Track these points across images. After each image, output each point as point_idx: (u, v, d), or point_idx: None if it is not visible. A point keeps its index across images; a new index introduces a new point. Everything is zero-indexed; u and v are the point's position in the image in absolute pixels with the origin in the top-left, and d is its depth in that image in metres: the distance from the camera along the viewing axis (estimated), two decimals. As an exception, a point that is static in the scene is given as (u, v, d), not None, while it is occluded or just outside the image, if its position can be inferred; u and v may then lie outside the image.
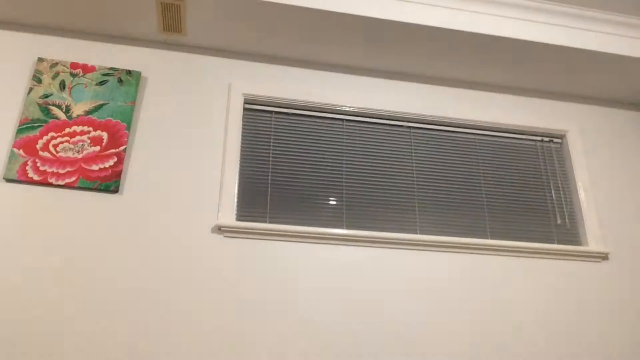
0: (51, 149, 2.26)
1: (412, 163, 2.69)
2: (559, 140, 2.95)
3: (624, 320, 2.52)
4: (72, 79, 2.44)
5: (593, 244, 2.65)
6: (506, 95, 2.98)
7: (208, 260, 2.21)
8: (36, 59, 2.46)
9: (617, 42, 2.74)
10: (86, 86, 2.44)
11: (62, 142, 2.29)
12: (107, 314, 2.03)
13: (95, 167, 2.26)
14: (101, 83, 2.45)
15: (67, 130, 2.32)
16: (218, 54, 2.69)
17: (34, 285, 2.03)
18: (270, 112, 2.64)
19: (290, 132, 2.63)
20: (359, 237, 2.38)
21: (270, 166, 2.52)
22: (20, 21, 2.51)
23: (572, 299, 2.51)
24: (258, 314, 2.16)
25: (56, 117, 2.33)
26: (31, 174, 2.19)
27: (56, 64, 2.45)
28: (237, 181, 2.41)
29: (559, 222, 2.73)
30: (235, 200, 2.37)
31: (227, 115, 2.53)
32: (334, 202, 2.50)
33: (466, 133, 2.84)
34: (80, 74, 2.46)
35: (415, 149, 2.73)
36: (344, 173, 2.59)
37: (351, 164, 2.62)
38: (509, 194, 2.74)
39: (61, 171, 2.23)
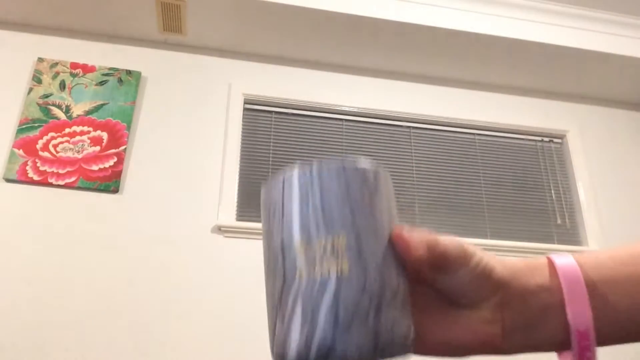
0: (51, 149, 2.26)
1: (412, 163, 2.69)
2: (559, 140, 2.95)
3: (624, 320, 2.52)
4: (72, 79, 2.44)
5: (593, 244, 2.65)
6: (506, 95, 2.98)
7: (208, 260, 2.21)
8: (36, 59, 2.46)
9: (617, 42, 2.74)
10: (86, 86, 2.43)
11: (62, 142, 2.29)
12: (107, 314, 2.03)
13: (95, 167, 2.26)
14: (101, 83, 2.45)
15: (67, 130, 2.32)
16: (218, 54, 2.69)
17: (34, 284, 2.03)
18: (270, 112, 2.64)
19: (290, 132, 2.62)
20: (359, 237, 2.37)
21: (270, 166, 2.52)
22: (20, 21, 2.51)
23: (572, 299, 2.51)
24: (258, 313, 2.16)
25: (56, 117, 2.33)
26: (31, 174, 2.19)
27: (56, 64, 2.45)
28: (237, 181, 2.41)
29: (559, 222, 2.73)
30: (235, 200, 2.37)
31: (227, 115, 2.53)
32: (334, 202, 2.50)
33: (466, 133, 2.84)
34: (80, 74, 2.46)
35: (415, 149, 2.73)
36: (344, 173, 2.58)
37: (351, 164, 2.61)
38: (509, 194, 2.74)
39: (61, 171, 2.23)
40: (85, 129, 2.34)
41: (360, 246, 0.31)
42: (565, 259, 0.34)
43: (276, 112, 2.65)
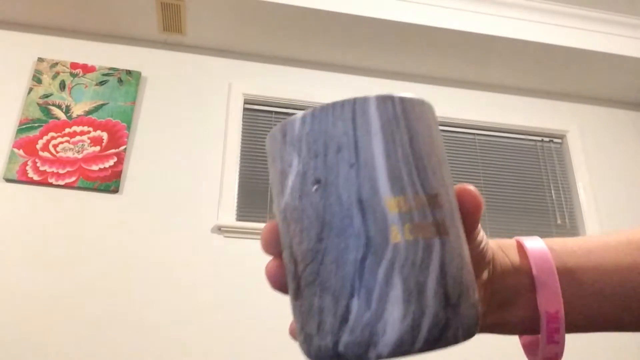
0: (51, 149, 2.26)
1: (412, 163, 2.69)
2: (559, 140, 2.95)
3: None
4: (72, 79, 2.44)
5: (593, 244, 2.65)
6: (506, 95, 2.98)
7: (208, 260, 2.21)
8: (36, 59, 2.46)
9: (617, 42, 2.74)
10: (86, 86, 2.44)
11: (62, 142, 2.29)
12: (107, 314, 2.03)
13: (95, 167, 2.26)
14: (101, 83, 2.46)
15: (67, 130, 2.32)
16: (218, 54, 2.69)
17: (34, 285, 2.03)
18: (270, 112, 2.65)
19: (290, 132, 2.62)
20: (359, 237, 2.37)
21: (270, 166, 2.51)
22: (20, 21, 2.51)
23: (572, 299, 2.51)
24: (258, 313, 2.16)
25: (56, 117, 2.33)
26: (31, 174, 2.19)
27: (56, 64, 2.45)
28: (237, 181, 2.41)
29: (559, 222, 2.74)
30: (235, 200, 2.37)
31: (227, 115, 2.53)
32: (334, 202, 2.50)
33: (466, 133, 2.84)
34: (80, 74, 2.46)
35: (415, 149, 2.73)
36: (344, 173, 2.58)
37: (351, 164, 2.61)
38: (509, 194, 2.74)
39: (61, 171, 2.23)
40: (85, 129, 2.34)
41: (451, 203, 0.25)
42: (534, 242, 0.34)
43: (276, 112, 2.65)
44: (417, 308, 0.23)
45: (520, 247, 0.34)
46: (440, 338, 0.23)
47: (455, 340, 0.23)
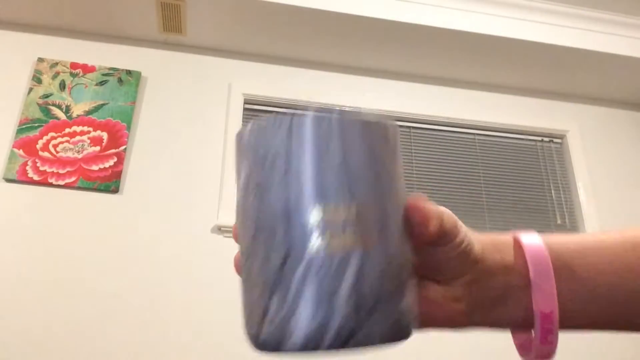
0: (51, 149, 2.26)
1: (412, 163, 2.69)
2: (559, 140, 2.95)
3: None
4: (72, 79, 2.44)
5: (593, 244, 2.65)
6: (506, 95, 2.98)
7: (208, 260, 2.21)
8: (36, 59, 2.46)
9: (617, 42, 2.74)
10: (86, 86, 2.44)
11: (62, 142, 2.29)
12: (107, 314, 2.03)
13: (95, 167, 2.26)
14: (101, 83, 2.46)
15: (67, 130, 2.32)
16: (218, 54, 2.69)
17: (34, 285, 2.03)
18: (270, 112, 2.64)
19: (290, 132, 2.62)
20: (359, 237, 2.37)
21: (270, 166, 2.51)
22: (20, 21, 2.51)
23: (572, 299, 2.51)
24: (258, 314, 2.16)
25: (56, 117, 2.33)
26: (31, 174, 2.19)
27: (56, 64, 2.45)
28: (237, 181, 2.41)
29: (559, 222, 2.74)
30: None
31: (227, 115, 2.53)
32: (334, 202, 2.50)
33: (466, 133, 2.84)
34: (80, 74, 2.46)
35: (415, 149, 2.73)
36: (344, 173, 2.58)
37: (351, 164, 2.61)
38: (509, 194, 2.74)
39: (61, 171, 2.23)
40: (85, 129, 2.34)
41: (384, 217, 0.27)
42: (532, 238, 0.34)
43: (276, 113, 2.65)
44: (327, 311, 0.24)
45: (517, 243, 0.34)
46: (347, 342, 0.25)
47: (370, 340, 0.25)
